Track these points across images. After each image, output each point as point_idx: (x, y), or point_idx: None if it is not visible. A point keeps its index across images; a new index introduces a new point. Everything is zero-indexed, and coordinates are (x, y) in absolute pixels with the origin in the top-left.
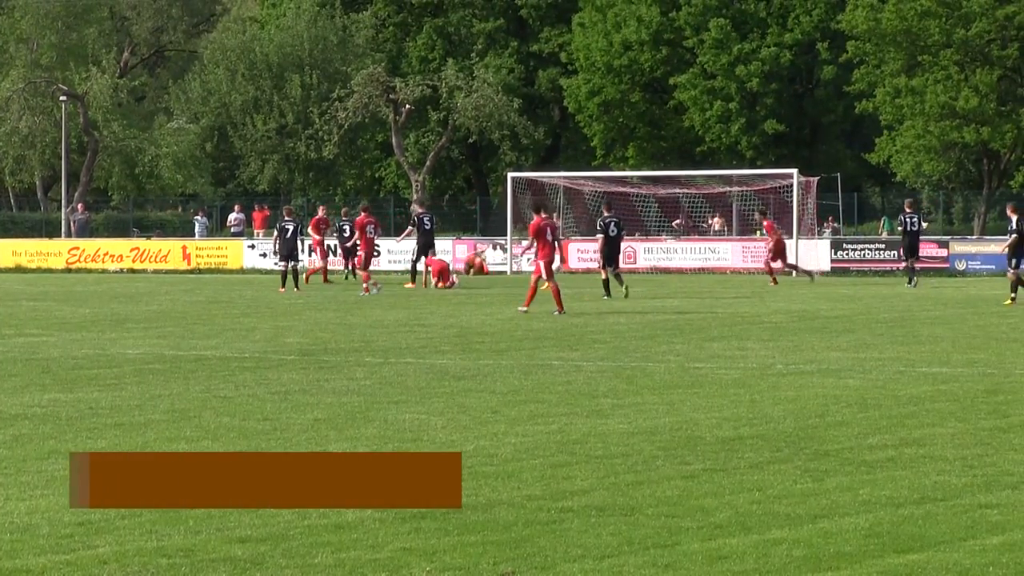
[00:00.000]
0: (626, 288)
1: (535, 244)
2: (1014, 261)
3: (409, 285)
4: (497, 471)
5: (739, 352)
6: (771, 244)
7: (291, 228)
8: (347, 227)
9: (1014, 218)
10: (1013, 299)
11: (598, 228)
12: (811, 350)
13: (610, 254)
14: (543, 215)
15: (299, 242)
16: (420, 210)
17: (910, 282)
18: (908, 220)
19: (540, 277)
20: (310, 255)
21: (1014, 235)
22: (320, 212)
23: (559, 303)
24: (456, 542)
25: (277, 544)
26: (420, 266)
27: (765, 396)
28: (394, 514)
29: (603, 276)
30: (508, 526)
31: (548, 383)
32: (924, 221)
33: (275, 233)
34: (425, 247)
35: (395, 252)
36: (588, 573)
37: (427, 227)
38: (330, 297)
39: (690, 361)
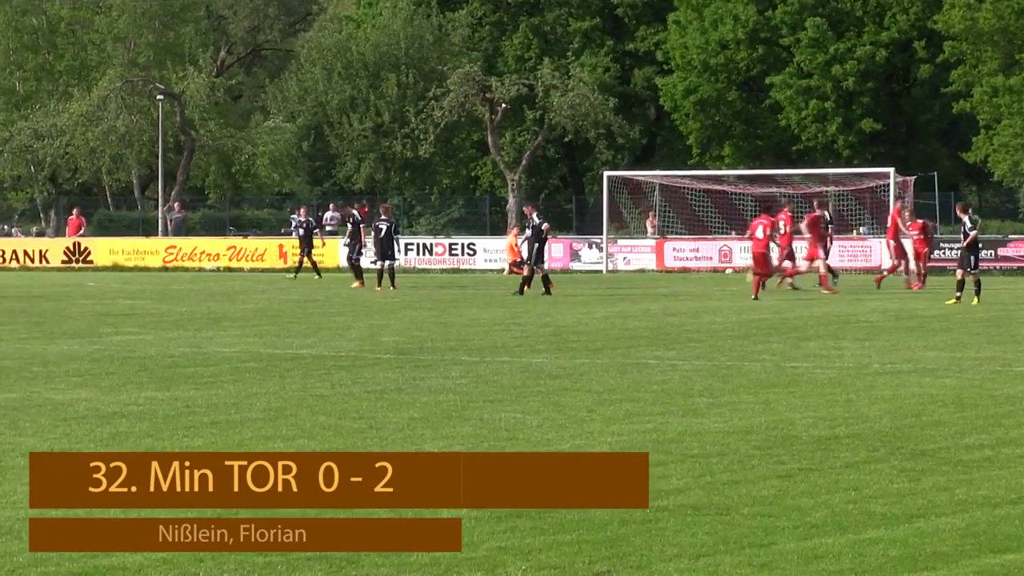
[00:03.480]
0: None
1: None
2: (972, 260)
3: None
4: None
5: (835, 351)
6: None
7: (385, 227)
8: (382, 226)
9: (965, 218)
10: (958, 298)
11: (542, 230)
12: (907, 349)
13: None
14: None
15: (395, 241)
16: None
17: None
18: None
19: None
20: (406, 254)
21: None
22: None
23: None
24: (551, 541)
25: None
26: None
27: (861, 395)
28: (489, 513)
29: (540, 275)
30: (603, 525)
31: (643, 382)
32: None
33: (372, 232)
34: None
35: (490, 251)
36: (683, 572)
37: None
38: (425, 296)
39: (786, 360)
